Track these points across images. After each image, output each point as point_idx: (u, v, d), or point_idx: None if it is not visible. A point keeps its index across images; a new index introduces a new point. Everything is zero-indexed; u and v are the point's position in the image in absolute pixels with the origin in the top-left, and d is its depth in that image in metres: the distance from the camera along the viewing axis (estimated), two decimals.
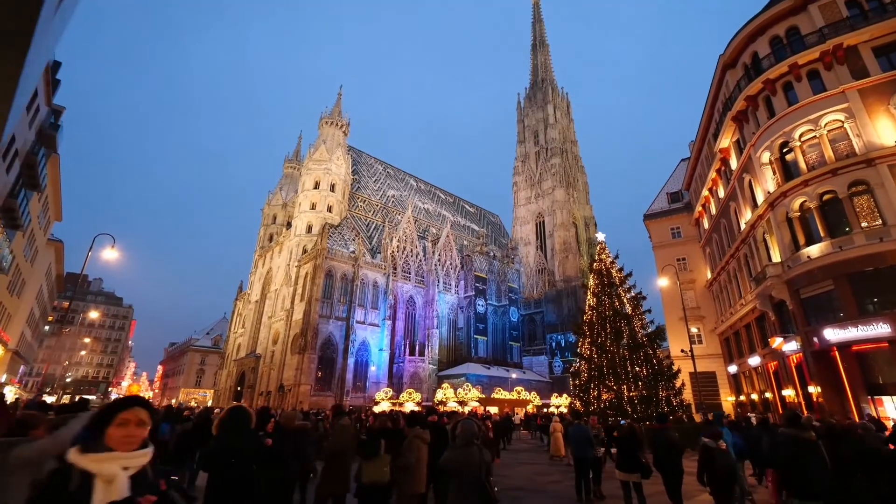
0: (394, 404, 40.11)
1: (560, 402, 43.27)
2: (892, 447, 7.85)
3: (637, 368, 21.80)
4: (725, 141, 28.58)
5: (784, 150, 22.79)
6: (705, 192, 35.04)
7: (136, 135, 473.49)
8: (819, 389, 19.89)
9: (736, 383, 33.20)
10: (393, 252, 64.31)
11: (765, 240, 24.52)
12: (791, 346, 21.87)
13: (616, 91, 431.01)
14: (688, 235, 41.07)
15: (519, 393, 43.65)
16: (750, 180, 25.65)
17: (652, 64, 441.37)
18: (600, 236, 25.70)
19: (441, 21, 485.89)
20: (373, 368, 55.45)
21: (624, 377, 21.34)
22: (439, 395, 42.07)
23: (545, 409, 38.39)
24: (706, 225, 37.00)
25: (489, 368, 61.07)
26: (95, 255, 24.96)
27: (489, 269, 74.56)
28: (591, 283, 24.53)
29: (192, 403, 72.53)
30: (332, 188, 65.57)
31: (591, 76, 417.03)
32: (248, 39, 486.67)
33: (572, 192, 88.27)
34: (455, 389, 40.85)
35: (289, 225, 69.64)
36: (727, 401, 33.55)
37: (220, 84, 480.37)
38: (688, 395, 27.38)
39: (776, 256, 23.00)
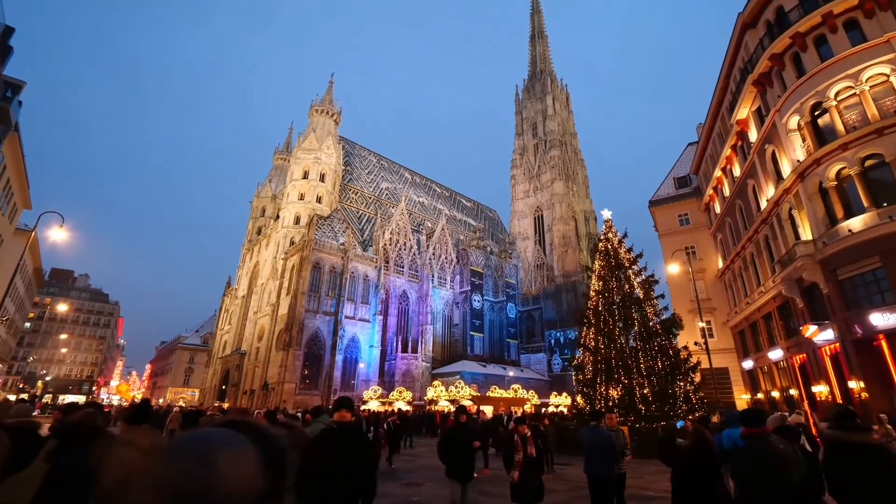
0: (383, 403, 37.35)
1: (560, 401, 40.63)
2: None
3: (650, 361, 19.01)
4: (744, 111, 25.85)
5: (816, 113, 20.06)
6: (718, 173, 32.32)
7: (132, 132, 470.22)
8: (862, 384, 17.15)
9: (752, 380, 30.51)
10: (385, 245, 61.42)
11: (791, 217, 21.79)
12: (825, 336, 19.12)
13: (617, 85, 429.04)
14: (697, 222, 38.46)
15: (516, 391, 40.89)
16: (773, 151, 22.91)
17: (653, 56, 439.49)
18: (606, 213, 22.80)
19: (438, 13, 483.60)
20: (362, 366, 52.59)
21: (636, 370, 18.50)
22: (430, 394, 39.33)
23: (544, 409, 35.70)
24: (717, 209, 34.29)
25: (485, 366, 58.24)
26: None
27: (486, 263, 71.78)
28: (597, 265, 21.66)
29: (181, 403, 69.68)
30: (322, 178, 62.65)
31: (591, 70, 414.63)
32: (242, 31, 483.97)
33: (571, 186, 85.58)
34: (447, 387, 38.08)
35: (278, 217, 66.81)
36: (741, 399, 30.89)
37: (213, 77, 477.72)
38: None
39: (806, 234, 20.26)
